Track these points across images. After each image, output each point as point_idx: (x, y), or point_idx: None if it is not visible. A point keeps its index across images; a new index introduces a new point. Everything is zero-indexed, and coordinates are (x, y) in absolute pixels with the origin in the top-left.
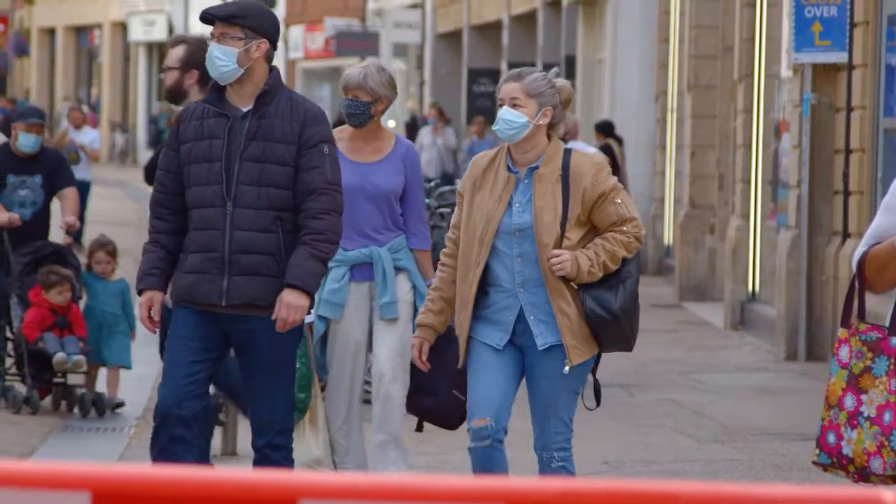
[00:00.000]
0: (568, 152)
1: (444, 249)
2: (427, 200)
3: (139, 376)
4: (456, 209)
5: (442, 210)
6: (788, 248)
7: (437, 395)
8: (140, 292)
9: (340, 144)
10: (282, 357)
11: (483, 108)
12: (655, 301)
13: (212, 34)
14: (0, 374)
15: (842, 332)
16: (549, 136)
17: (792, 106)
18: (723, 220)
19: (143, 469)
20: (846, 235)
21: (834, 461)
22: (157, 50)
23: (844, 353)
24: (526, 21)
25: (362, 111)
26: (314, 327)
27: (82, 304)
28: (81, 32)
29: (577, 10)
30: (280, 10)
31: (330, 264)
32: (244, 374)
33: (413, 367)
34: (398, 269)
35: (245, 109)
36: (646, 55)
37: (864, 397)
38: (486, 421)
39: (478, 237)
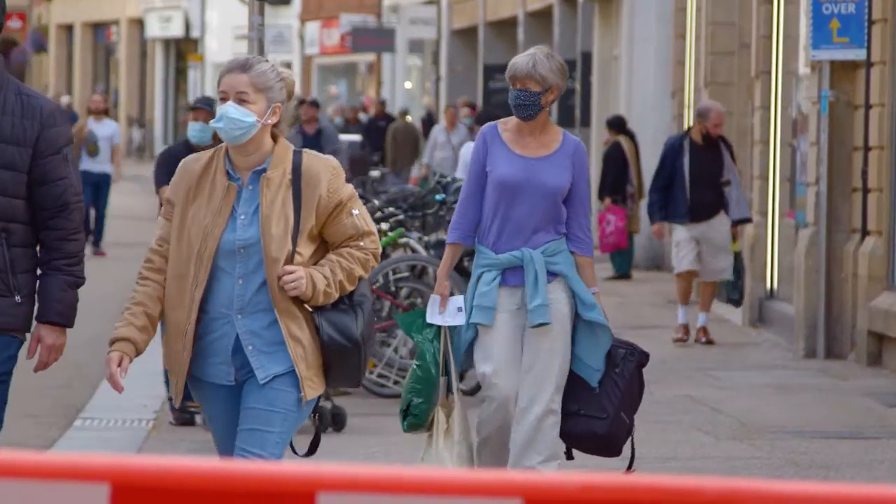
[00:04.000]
0: (298, 154)
1: (145, 263)
2: (442, 196)
3: (158, 369)
4: (163, 219)
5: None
6: (807, 246)
7: (605, 417)
8: None
9: (505, 136)
10: None
11: (499, 104)
12: (673, 298)
13: None
14: None
15: None
16: (274, 137)
17: (810, 103)
18: None
19: (163, 461)
20: (865, 233)
21: None
22: (173, 46)
23: None
24: (541, 17)
25: (532, 102)
26: (461, 335)
27: None
28: (99, 29)
29: (592, 7)
30: (296, 7)
31: (481, 269)
32: None
33: (576, 388)
34: (554, 275)
35: None
36: (662, 52)
37: None
38: None
39: (195, 255)
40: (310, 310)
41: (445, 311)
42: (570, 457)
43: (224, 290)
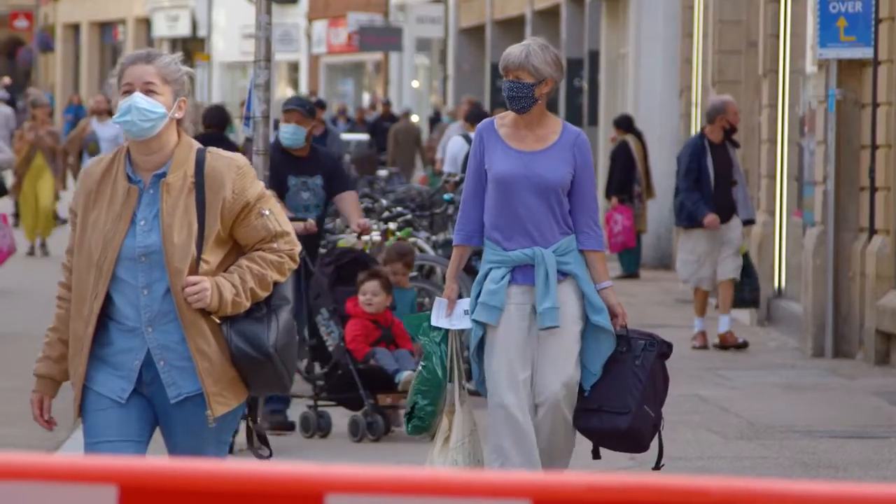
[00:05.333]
0: (202, 152)
1: (60, 280)
2: (450, 195)
3: None
4: (70, 230)
5: None
6: (815, 245)
7: (627, 412)
8: None
9: (501, 131)
10: None
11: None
12: (681, 297)
13: None
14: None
15: None
16: (178, 134)
17: (817, 101)
18: None
19: (170, 463)
20: (872, 231)
21: None
22: (180, 45)
23: None
24: (549, 16)
25: (525, 94)
26: (472, 334)
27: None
28: (105, 28)
29: (600, 5)
30: (303, 5)
31: (489, 265)
32: None
33: (594, 385)
34: (565, 275)
35: None
36: (670, 50)
37: None
38: None
39: (95, 264)
40: (218, 321)
41: (452, 315)
42: (596, 456)
43: (128, 301)
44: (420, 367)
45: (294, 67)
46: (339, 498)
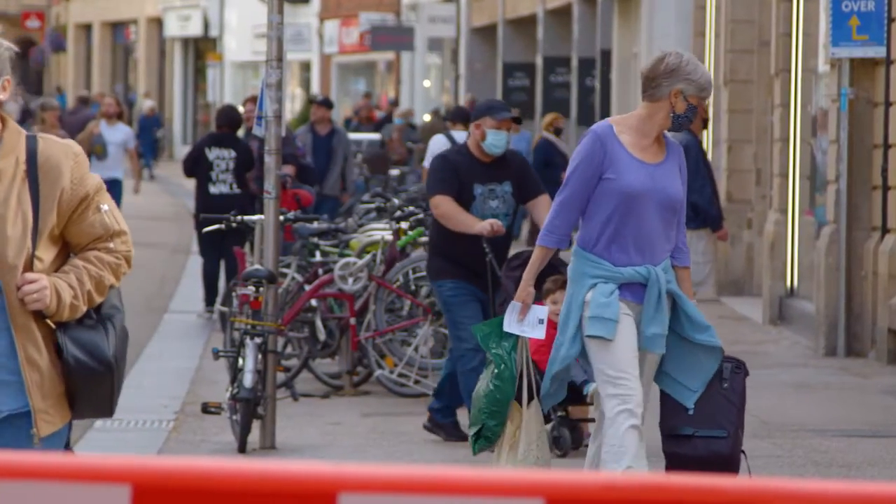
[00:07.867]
0: (33, 140)
1: None
2: None
3: (177, 370)
4: None
5: None
6: (827, 244)
7: (726, 437)
8: None
9: (622, 138)
10: None
11: (519, 102)
12: (699, 297)
13: None
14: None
15: None
16: (3, 119)
17: (830, 101)
18: (760, 215)
19: (184, 462)
20: (885, 230)
21: None
22: (192, 45)
23: None
24: (561, 15)
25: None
26: (563, 352)
27: None
28: (117, 28)
29: (612, 4)
30: (315, 5)
31: (594, 280)
32: None
33: (681, 411)
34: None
35: None
36: (681, 49)
37: None
38: None
39: None
40: (52, 326)
41: (524, 321)
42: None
43: None
44: (491, 388)
45: (306, 67)
46: (352, 497)
